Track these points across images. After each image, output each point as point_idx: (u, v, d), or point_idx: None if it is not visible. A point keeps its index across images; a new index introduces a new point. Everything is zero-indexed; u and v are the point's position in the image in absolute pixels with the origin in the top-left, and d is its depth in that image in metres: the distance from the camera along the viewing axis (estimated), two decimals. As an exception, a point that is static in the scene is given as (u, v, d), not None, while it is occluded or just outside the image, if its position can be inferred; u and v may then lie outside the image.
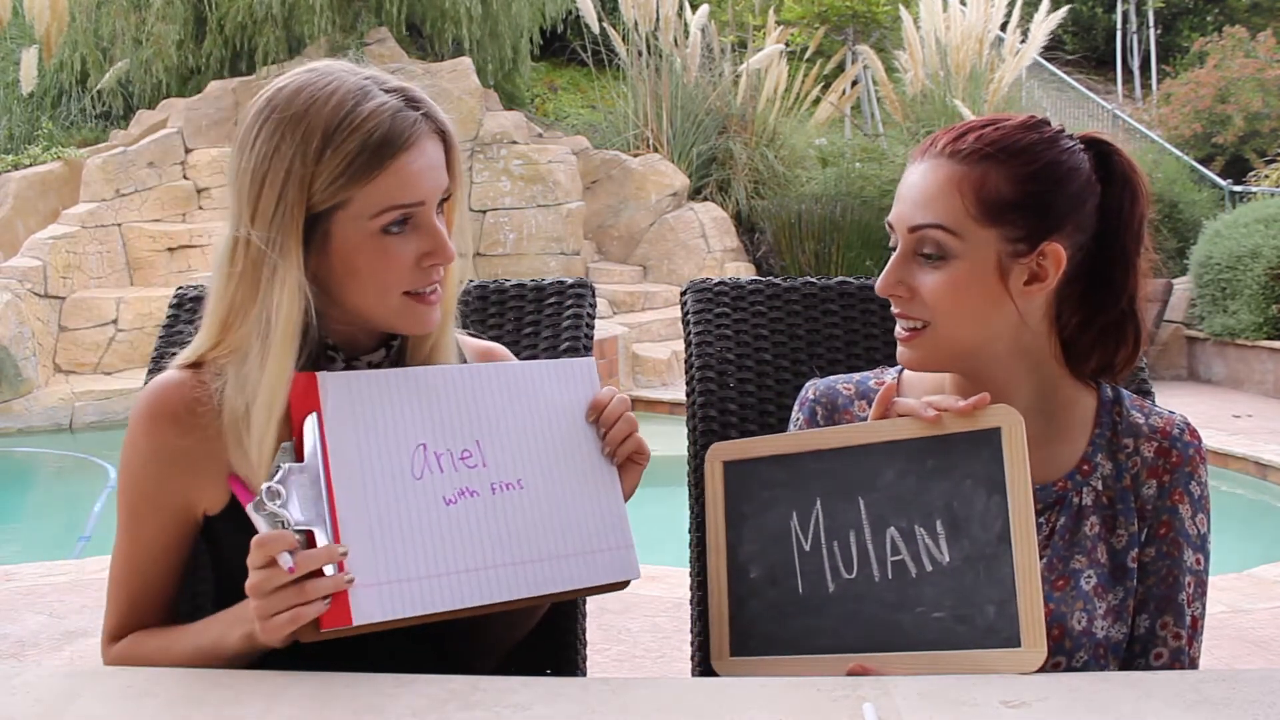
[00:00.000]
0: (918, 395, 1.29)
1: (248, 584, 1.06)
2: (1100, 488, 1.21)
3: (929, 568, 1.07)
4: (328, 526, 1.08)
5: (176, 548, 1.24)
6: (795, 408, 1.36)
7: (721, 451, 1.20)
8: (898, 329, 1.22)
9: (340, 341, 1.25)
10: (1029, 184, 1.15)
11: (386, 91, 1.18)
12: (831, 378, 1.36)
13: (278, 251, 1.14)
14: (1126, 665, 1.20)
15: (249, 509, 1.10)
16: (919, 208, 1.18)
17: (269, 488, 1.08)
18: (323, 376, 1.14)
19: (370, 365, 1.27)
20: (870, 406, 1.27)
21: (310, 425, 1.11)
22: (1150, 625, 1.19)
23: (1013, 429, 1.06)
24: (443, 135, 1.21)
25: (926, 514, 1.07)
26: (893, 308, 1.22)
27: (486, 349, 1.41)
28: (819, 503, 1.12)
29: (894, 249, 1.22)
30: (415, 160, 1.16)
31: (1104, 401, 1.26)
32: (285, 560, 1.04)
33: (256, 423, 1.15)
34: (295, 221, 1.14)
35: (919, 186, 1.19)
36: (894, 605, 1.07)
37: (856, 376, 1.36)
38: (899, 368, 1.36)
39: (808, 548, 1.12)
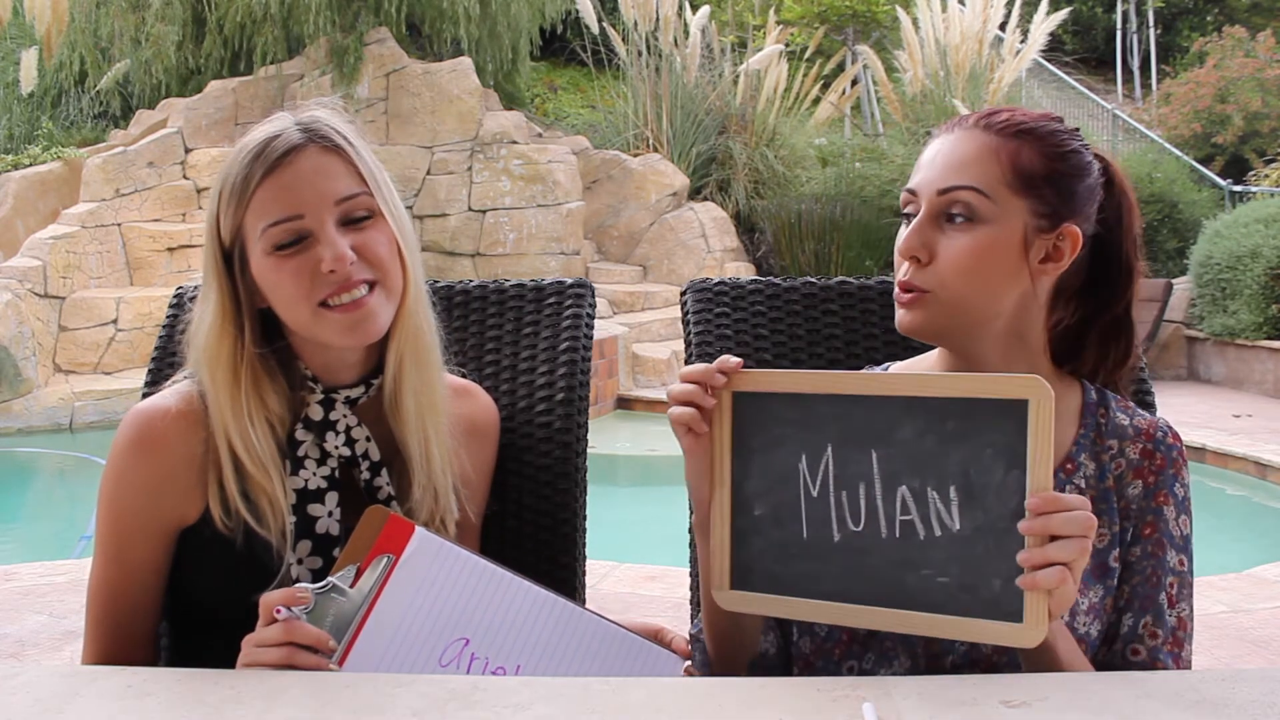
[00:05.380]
0: None
1: (249, 636, 1.09)
2: (1083, 486, 1.22)
3: (938, 532, 1.04)
4: (336, 658, 1.08)
5: (161, 569, 1.27)
6: None
7: (734, 381, 1.12)
8: (898, 294, 1.21)
9: (318, 371, 1.28)
10: (1057, 163, 1.20)
11: (292, 124, 1.23)
12: None
13: (211, 285, 1.24)
14: (1107, 663, 1.20)
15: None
16: (952, 171, 1.19)
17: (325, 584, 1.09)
18: (420, 531, 1.12)
19: (350, 401, 1.28)
20: None
21: (378, 565, 1.10)
22: (1134, 624, 1.20)
23: (1041, 403, 1.01)
24: (338, 150, 1.23)
25: (941, 478, 1.04)
26: (901, 274, 1.21)
27: (463, 387, 1.41)
28: (830, 449, 1.08)
29: (911, 215, 1.22)
30: (287, 174, 1.20)
31: (1088, 403, 1.26)
32: (282, 610, 1.07)
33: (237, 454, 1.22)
34: (214, 254, 1.24)
35: (952, 153, 1.20)
36: (899, 563, 1.05)
37: None
38: (884, 366, 1.36)
39: (815, 494, 1.08)
